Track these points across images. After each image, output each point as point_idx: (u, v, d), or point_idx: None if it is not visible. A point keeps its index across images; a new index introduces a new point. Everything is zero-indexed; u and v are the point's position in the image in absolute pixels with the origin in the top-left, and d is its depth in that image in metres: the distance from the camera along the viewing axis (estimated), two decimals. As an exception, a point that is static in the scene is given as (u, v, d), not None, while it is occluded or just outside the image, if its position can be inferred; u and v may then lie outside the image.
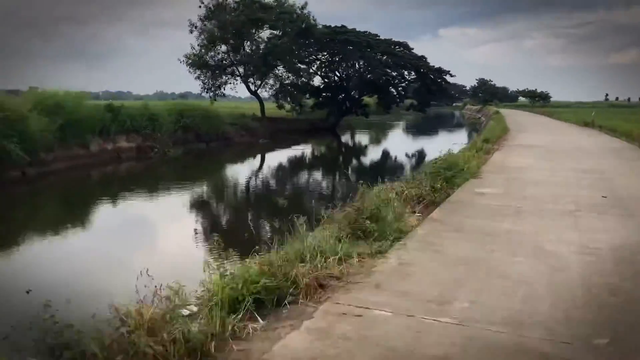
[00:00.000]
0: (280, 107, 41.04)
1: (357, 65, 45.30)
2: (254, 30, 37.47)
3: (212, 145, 30.07)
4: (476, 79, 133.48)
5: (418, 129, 57.71)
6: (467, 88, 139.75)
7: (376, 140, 45.32)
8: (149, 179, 20.70)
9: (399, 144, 39.93)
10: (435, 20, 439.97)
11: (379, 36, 48.48)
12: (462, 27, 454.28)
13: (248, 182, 20.40)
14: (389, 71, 44.63)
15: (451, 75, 49.52)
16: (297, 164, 26.47)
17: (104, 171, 21.48)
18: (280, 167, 24.95)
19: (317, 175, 23.53)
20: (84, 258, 9.44)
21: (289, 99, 40.56)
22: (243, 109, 42.08)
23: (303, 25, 40.99)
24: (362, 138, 47.11)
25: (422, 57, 48.63)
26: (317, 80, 46.04)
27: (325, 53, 44.53)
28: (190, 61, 37.42)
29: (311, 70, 43.86)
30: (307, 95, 46.36)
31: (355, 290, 4.69)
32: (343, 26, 46.35)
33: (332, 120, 48.03)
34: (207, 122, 29.56)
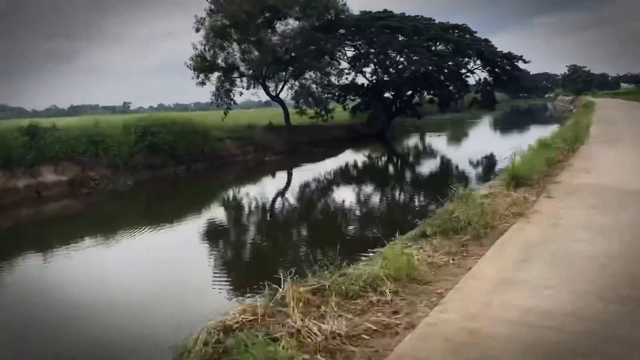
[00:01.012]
0: (302, 112, 33.81)
1: (399, 57, 36.94)
2: (261, 21, 30.60)
3: (196, 167, 23.62)
4: (567, 66, 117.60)
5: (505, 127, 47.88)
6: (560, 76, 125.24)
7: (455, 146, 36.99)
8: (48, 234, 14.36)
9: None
10: (528, 9, 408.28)
11: (433, 20, 39.96)
12: (562, 13, 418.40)
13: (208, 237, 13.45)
14: (441, 60, 35.77)
15: (524, 62, 39.68)
16: (307, 196, 18.89)
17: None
18: (271, 207, 17.83)
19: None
20: None
21: (311, 101, 33.19)
22: (260, 117, 35.47)
23: (331, 16, 33.73)
24: (435, 144, 38.86)
25: (486, 40, 39.30)
26: (349, 78, 38.40)
27: (359, 44, 36.65)
28: (195, 64, 31.37)
29: (342, 67, 36.28)
30: (336, 96, 38.84)
31: None
32: (385, 10, 38.35)
33: (379, 125, 40.11)
34: (187, 138, 23.18)
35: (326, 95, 34.39)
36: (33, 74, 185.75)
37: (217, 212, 15.43)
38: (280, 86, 34.46)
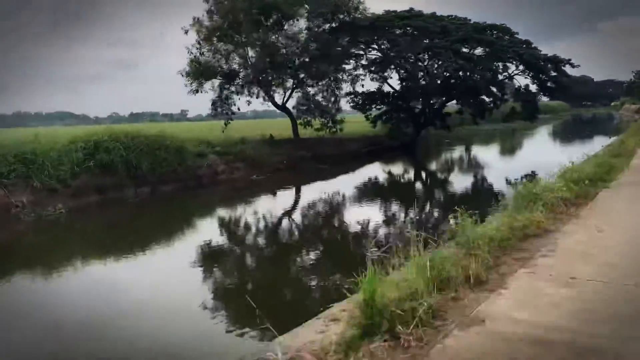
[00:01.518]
0: (306, 124, 29.77)
1: (420, 61, 32.35)
2: (257, 20, 26.93)
3: (164, 189, 20.07)
4: (633, 72, 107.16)
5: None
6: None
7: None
8: None
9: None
10: (592, 12, 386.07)
11: (468, 20, 35.26)
12: (630, 16, 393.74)
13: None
14: (471, 64, 30.91)
15: (572, 65, 34.14)
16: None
17: None
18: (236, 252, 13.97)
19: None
20: None
21: (315, 110, 29.11)
22: (268, 128, 31.74)
23: (344, 16, 29.83)
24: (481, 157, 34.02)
25: (527, 42, 34.15)
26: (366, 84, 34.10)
27: (375, 47, 32.40)
28: (190, 70, 28.02)
29: (357, 73, 32.04)
30: (359, 105, 34.78)
31: None
32: (411, 10, 33.99)
33: (403, 136, 35.62)
34: (152, 154, 19.70)
35: (335, 105, 30.18)
36: (97, 82, 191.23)
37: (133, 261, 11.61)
38: (288, 94, 30.64)
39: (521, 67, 33.89)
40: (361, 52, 32.53)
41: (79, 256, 11.62)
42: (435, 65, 30.36)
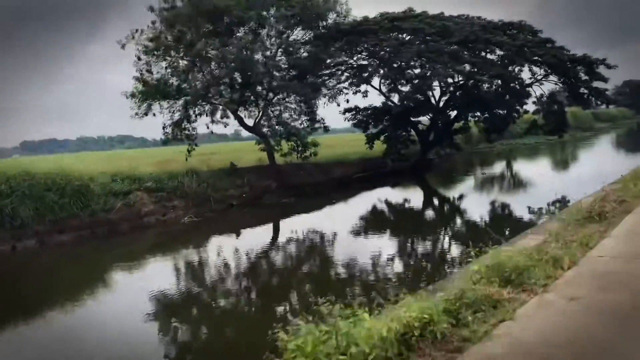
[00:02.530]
0: (270, 149, 24.92)
1: (411, 69, 27.00)
2: (208, 31, 22.70)
3: (60, 239, 15.94)
4: None
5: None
6: None
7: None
8: None
9: None
10: None
11: (482, 18, 29.88)
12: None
13: None
14: (477, 71, 25.43)
15: (608, 67, 27.90)
16: None
17: None
18: None
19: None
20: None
21: (280, 131, 24.30)
22: (241, 153, 27.33)
23: (325, 23, 25.41)
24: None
25: (549, 40, 28.31)
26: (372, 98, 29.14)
27: (358, 55, 27.50)
28: (135, 91, 24.10)
29: (341, 86, 27.18)
30: (356, 122, 30.02)
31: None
32: (410, 9, 28.99)
33: (404, 158, 30.47)
34: (39, 199, 15.67)
35: (311, 124, 25.41)
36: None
37: None
38: (260, 114, 26.13)
39: (542, 71, 28.08)
40: (341, 63, 27.56)
41: None
42: (428, 73, 25.00)
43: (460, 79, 26.71)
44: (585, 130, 70.75)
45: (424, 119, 32.04)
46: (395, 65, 26.03)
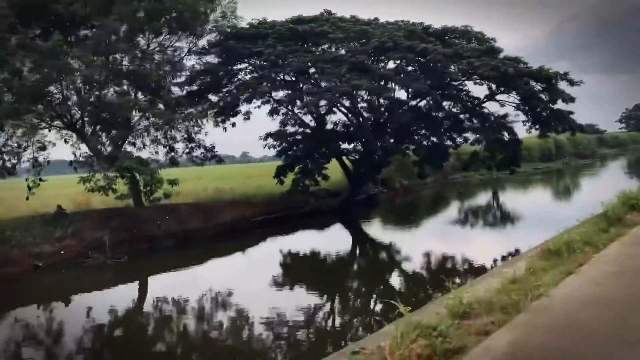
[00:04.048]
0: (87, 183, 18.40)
1: (305, 83, 21.05)
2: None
3: None
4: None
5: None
6: None
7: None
8: None
9: None
10: None
11: (418, 24, 24.05)
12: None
13: None
14: (383, 87, 19.44)
15: (571, 83, 21.82)
16: None
17: None
18: None
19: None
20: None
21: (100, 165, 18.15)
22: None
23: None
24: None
25: (496, 49, 22.34)
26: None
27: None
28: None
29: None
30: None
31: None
32: (328, 12, 23.31)
33: (312, 196, 24.55)
34: None
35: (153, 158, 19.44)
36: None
37: None
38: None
39: (486, 88, 22.03)
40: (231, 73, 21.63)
41: None
42: (315, 90, 19.00)
43: (369, 97, 20.76)
44: (584, 157, 63.87)
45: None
46: (279, 78, 20.14)
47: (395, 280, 13.77)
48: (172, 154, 20.24)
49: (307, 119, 23.53)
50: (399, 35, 20.83)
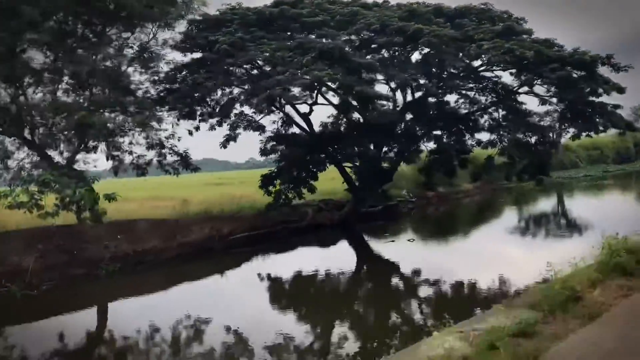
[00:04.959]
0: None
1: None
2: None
3: None
4: None
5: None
6: None
7: None
8: None
9: None
10: None
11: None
12: None
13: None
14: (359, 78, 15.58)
15: (617, 69, 17.06)
16: None
17: None
18: None
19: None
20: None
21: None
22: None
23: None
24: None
25: (519, 31, 17.95)
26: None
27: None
28: None
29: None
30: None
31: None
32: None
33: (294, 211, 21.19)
34: None
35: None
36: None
37: None
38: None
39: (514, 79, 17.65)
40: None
41: None
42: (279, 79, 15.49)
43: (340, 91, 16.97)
44: (620, 162, 53.42)
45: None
46: (231, 71, 16.83)
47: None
48: (137, 160, 17.60)
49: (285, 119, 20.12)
50: (392, 17, 16.99)
